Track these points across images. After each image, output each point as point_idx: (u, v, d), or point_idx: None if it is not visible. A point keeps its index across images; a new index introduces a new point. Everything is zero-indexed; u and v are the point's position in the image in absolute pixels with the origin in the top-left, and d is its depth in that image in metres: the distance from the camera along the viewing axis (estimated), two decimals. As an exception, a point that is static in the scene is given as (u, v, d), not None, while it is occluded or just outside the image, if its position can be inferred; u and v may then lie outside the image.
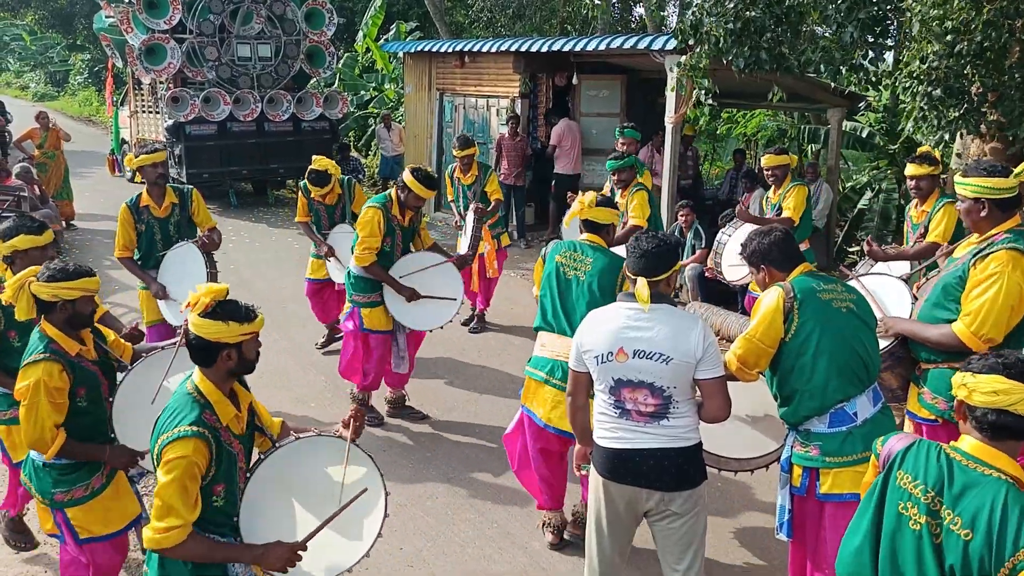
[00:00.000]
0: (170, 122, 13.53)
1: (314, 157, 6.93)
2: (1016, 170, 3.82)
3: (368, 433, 5.90)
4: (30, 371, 3.25)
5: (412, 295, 5.63)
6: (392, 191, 5.72)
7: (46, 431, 3.28)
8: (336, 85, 18.16)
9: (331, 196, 6.99)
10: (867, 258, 5.68)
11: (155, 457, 2.70)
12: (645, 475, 3.14)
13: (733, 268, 6.35)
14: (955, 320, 3.75)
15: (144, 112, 15.38)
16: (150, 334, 5.57)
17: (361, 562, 3.05)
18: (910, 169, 5.63)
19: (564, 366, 3.82)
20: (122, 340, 3.74)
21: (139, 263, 5.64)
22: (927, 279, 4.13)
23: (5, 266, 3.95)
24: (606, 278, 4.03)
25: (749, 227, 6.11)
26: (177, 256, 5.60)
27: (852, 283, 4.41)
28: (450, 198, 8.28)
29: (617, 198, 6.56)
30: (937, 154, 5.84)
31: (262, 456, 2.98)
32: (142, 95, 15.29)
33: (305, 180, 6.97)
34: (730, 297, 8.12)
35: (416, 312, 5.72)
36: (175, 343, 3.46)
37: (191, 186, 5.99)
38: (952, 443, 2.34)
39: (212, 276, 5.54)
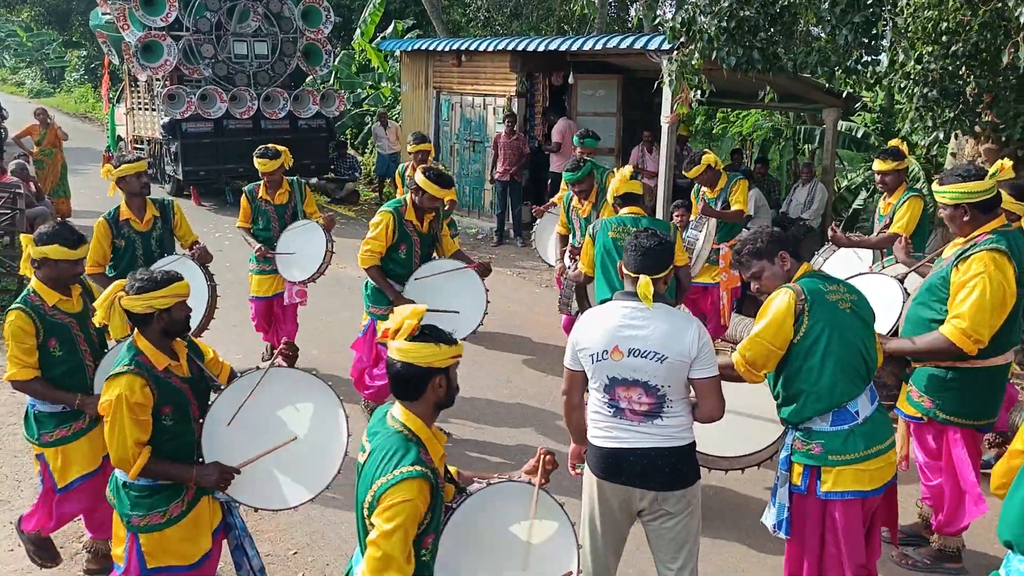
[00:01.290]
0: (166, 119, 13.51)
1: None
2: (991, 171, 3.86)
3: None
4: (113, 384, 3.11)
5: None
6: (407, 195, 5.46)
7: (128, 448, 3.11)
8: (333, 83, 18.15)
9: (281, 195, 6.43)
10: (830, 243, 5.87)
11: (367, 507, 2.46)
12: (639, 474, 3.15)
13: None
14: (940, 320, 3.78)
15: (140, 109, 15.35)
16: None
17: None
18: (876, 165, 5.78)
19: None
20: (220, 359, 3.57)
21: (109, 280, 5.04)
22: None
23: (32, 269, 3.86)
24: None
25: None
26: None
27: (854, 281, 4.45)
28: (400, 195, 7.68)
29: (575, 206, 6.47)
30: (905, 148, 6.00)
31: (453, 505, 2.75)
32: (138, 92, 15.27)
33: (248, 186, 6.52)
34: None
35: (441, 323, 5.43)
36: (270, 365, 3.34)
37: (171, 198, 5.76)
38: None
39: (212, 290, 5.37)
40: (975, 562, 4.35)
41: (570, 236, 6.62)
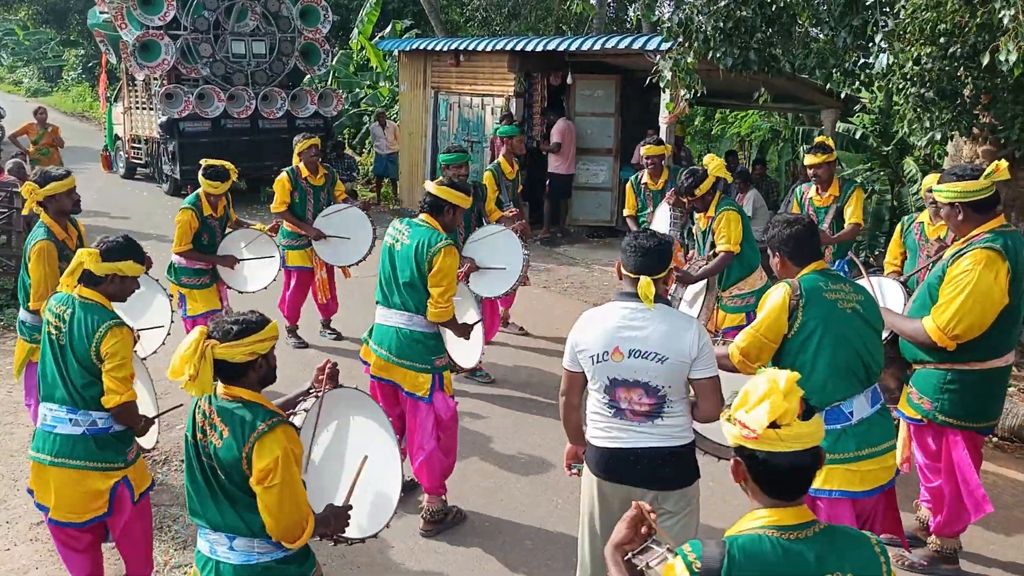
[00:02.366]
0: (164, 119, 13.49)
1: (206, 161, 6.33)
2: (987, 171, 3.87)
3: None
4: (268, 444, 2.64)
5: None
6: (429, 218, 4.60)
7: (305, 509, 2.73)
8: (330, 83, 18.13)
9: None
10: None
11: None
12: (639, 474, 3.15)
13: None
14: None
15: (138, 108, 15.33)
16: None
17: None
18: (809, 159, 6.19)
19: None
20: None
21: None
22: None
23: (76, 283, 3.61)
24: None
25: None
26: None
27: (862, 282, 4.45)
28: (281, 208, 7.18)
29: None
30: (831, 142, 6.39)
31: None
32: (136, 91, 15.24)
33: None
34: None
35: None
36: (317, 395, 3.16)
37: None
38: None
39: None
40: (972, 564, 4.35)
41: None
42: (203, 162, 6.31)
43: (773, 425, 1.90)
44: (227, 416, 2.71)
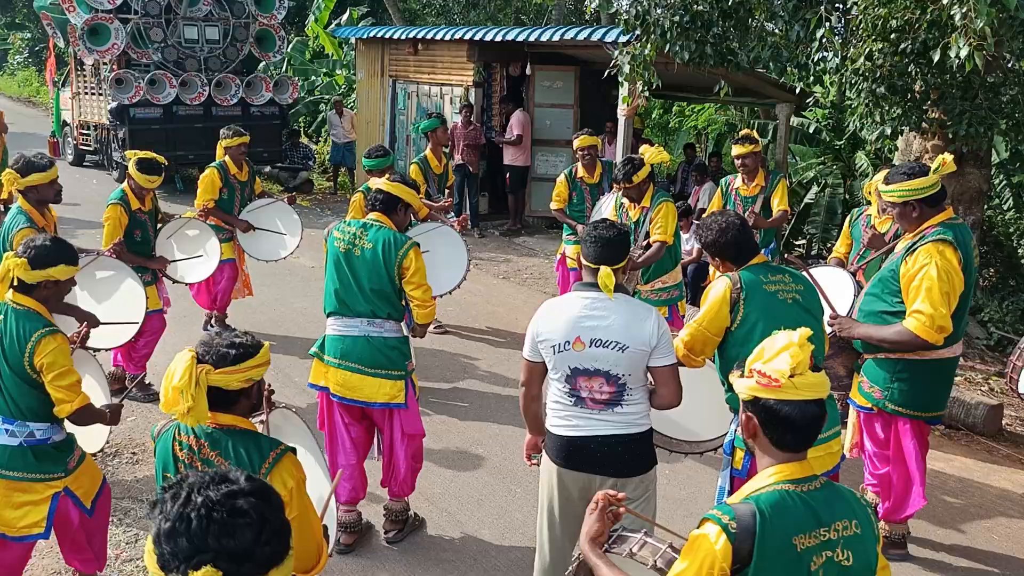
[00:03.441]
0: (114, 104, 13.18)
1: (132, 152, 6.11)
2: (933, 166, 3.96)
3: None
4: (281, 473, 2.43)
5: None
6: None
7: (319, 536, 2.51)
8: (286, 70, 17.88)
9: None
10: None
11: None
12: (599, 461, 3.17)
13: None
14: (892, 312, 3.86)
15: (87, 94, 14.95)
16: None
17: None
18: (736, 149, 6.42)
19: None
20: None
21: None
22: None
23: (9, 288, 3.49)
24: None
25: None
26: (97, 279, 5.08)
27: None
28: (206, 205, 6.86)
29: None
30: (755, 134, 6.62)
31: None
32: (84, 76, 14.86)
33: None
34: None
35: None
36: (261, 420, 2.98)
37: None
38: None
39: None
40: (919, 548, 4.46)
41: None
42: (132, 154, 5.95)
43: (792, 375, 2.01)
44: (225, 449, 2.47)
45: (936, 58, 5.41)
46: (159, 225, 6.20)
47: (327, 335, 4.29)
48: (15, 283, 3.44)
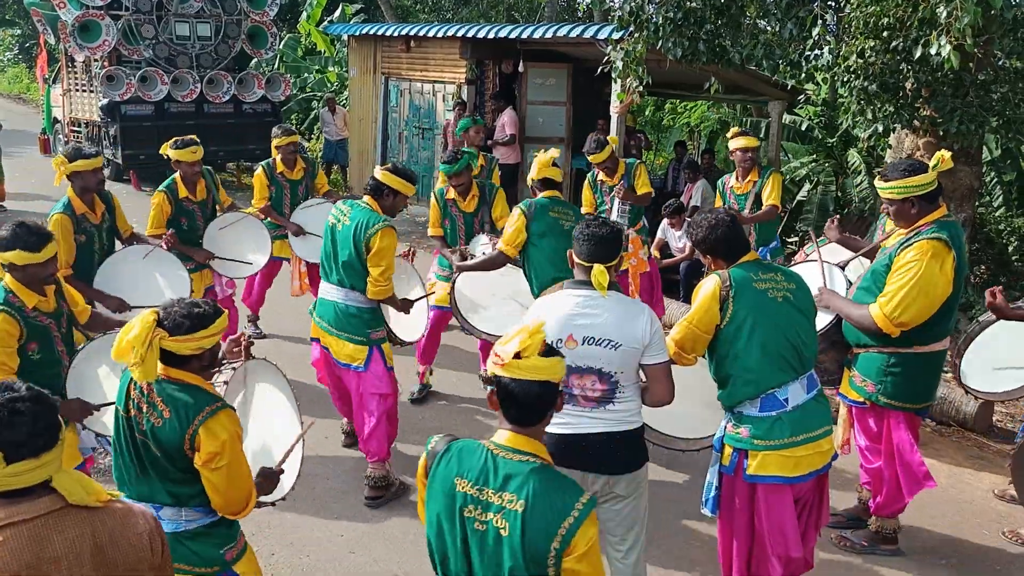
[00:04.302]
0: (105, 101, 13.14)
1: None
2: (932, 163, 3.97)
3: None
4: (221, 424, 2.69)
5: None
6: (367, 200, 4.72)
7: (251, 484, 2.82)
8: (278, 67, 17.83)
9: (201, 190, 6.13)
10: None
11: None
12: (591, 459, 3.18)
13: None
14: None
15: (77, 91, 14.89)
16: None
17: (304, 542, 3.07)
18: (743, 142, 6.46)
19: None
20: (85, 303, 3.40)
21: (80, 281, 4.81)
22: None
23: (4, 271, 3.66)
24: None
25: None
26: (137, 263, 5.23)
27: (801, 267, 4.57)
28: (260, 204, 6.90)
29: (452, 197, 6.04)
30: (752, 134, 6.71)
31: None
32: (75, 73, 14.79)
33: (165, 184, 6.16)
34: (675, 286, 8.23)
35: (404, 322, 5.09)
36: (233, 367, 3.23)
37: (108, 190, 5.46)
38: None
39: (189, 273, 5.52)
40: (910, 543, 4.48)
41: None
42: (166, 146, 6.11)
43: (518, 356, 2.23)
44: (169, 398, 2.71)
45: (918, 54, 5.43)
46: (220, 213, 6.23)
47: (318, 296, 4.82)
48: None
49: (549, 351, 2.28)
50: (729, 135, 6.77)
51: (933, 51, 5.16)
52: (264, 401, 3.34)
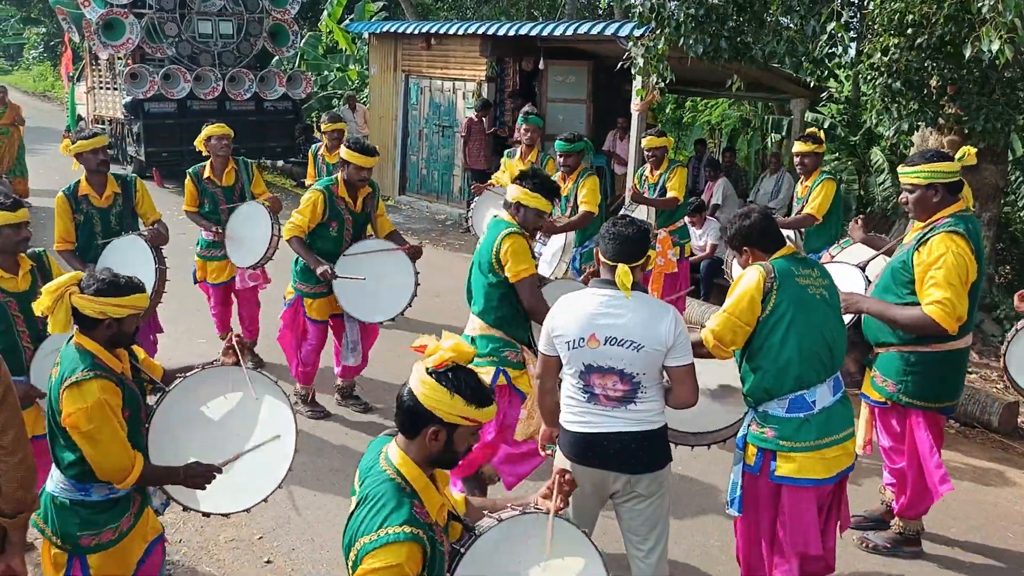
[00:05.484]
0: (128, 99, 13.26)
1: None
2: (958, 155, 3.92)
3: (307, 424, 5.88)
4: (81, 393, 2.78)
5: (325, 273, 5.23)
6: (338, 174, 5.48)
7: (127, 453, 2.86)
8: (299, 65, 17.91)
9: (228, 175, 6.28)
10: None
11: (350, 564, 2.19)
12: (612, 458, 3.17)
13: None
14: (904, 303, 3.83)
15: (101, 88, 15.03)
16: None
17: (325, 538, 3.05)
18: (797, 147, 6.38)
19: None
20: (152, 360, 3.35)
21: (77, 257, 5.12)
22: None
23: None
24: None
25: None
26: (118, 249, 5.10)
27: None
28: (310, 180, 7.61)
29: (560, 182, 6.24)
30: (821, 134, 6.53)
31: (460, 548, 2.45)
32: (99, 71, 14.95)
33: (192, 167, 6.39)
34: (696, 284, 8.18)
35: (366, 303, 5.40)
36: (210, 363, 3.22)
37: (135, 175, 5.58)
38: None
39: (161, 273, 5.09)
40: (933, 546, 4.44)
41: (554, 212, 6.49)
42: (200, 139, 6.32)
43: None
44: (63, 357, 2.88)
45: (967, 53, 5.31)
46: (237, 202, 6.23)
47: None
48: None
49: (442, 377, 2.21)
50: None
51: (984, 47, 5.05)
52: (266, 413, 3.25)
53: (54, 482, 2.97)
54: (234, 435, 3.16)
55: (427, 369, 2.22)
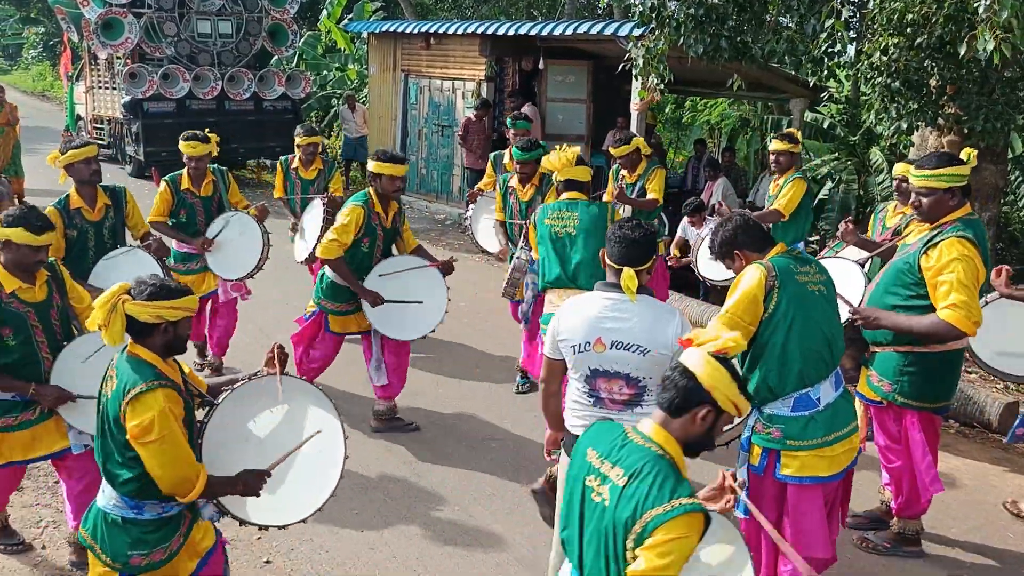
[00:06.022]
0: (127, 99, 13.25)
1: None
2: (963, 156, 3.92)
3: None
4: (145, 405, 2.74)
5: (375, 299, 5.20)
6: (369, 189, 5.29)
7: (192, 466, 2.83)
8: (298, 64, 17.91)
9: (207, 186, 6.00)
10: (717, 216, 6.31)
11: (634, 537, 2.19)
12: None
13: (709, 266, 6.05)
14: (904, 306, 3.83)
15: (100, 88, 15.03)
16: None
17: (323, 538, 3.05)
18: (773, 145, 6.43)
19: None
20: (196, 374, 3.29)
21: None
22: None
23: None
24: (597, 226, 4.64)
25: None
26: (121, 264, 4.95)
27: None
28: (280, 194, 7.17)
29: (514, 187, 6.25)
30: (799, 135, 6.61)
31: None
32: (98, 70, 14.94)
33: (170, 174, 5.99)
34: (695, 284, 8.18)
35: (397, 320, 5.31)
36: (255, 374, 3.23)
37: (123, 185, 5.34)
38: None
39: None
40: (932, 545, 4.43)
41: (505, 220, 6.39)
42: (182, 135, 5.96)
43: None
44: (120, 370, 2.83)
45: (962, 52, 5.31)
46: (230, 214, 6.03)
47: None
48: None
49: (723, 363, 2.32)
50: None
51: (979, 47, 5.04)
52: (312, 422, 3.25)
53: (106, 498, 2.92)
54: (280, 443, 3.15)
55: (711, 353, 2.32)
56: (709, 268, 6.01)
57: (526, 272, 5.76)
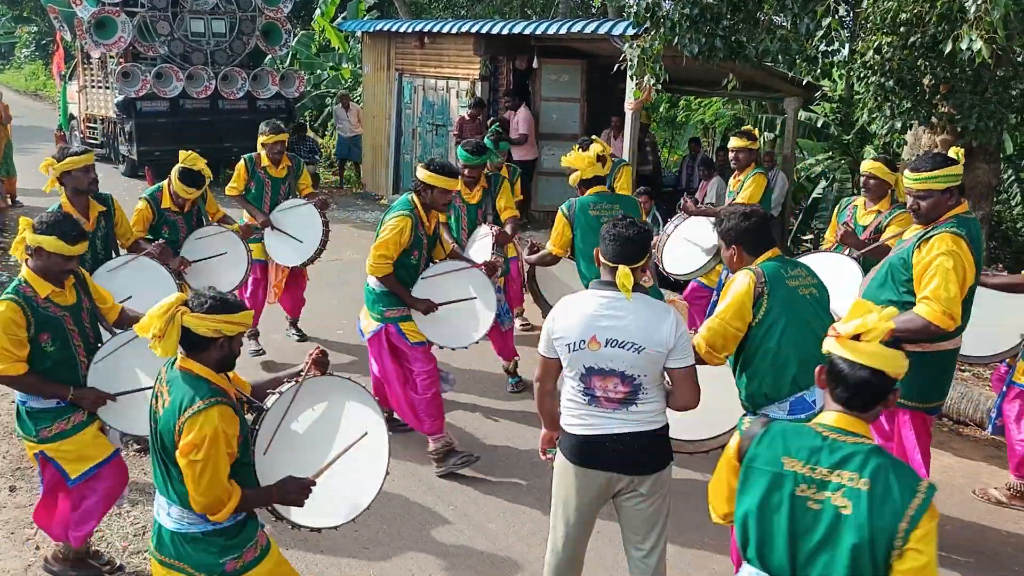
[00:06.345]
0: (120, 98, 13.20)
1: (184, 154, 5.72)
2: (951, 154, 3.94)
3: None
4: (201, 421, 2.68)
5: (428, 306, 4.94)
6: (412, 196, 4.95)
7: (224, 487, 2.76)
8: (292, 63, 17.87)
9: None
10: (681, 212, 6.34)
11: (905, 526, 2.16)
12: (615, 459, 3.16)
13: (675, 261, 6.15)
14: (898, 302, 3.84)
15: (93, 87, 14.98)
16: None
17: (319, 540, 3.04)
18: (732, 142, 6.58)
19: None
20: (239, 376, 3.18)
21: None
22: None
23: (26, 256, 3.63)
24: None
25: (694, 220, 6.15)
26: (130, 274, 4.87)
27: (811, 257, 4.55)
28: (237, 193, 6.78)
29: (464, 192, 6.23)
30: (756, 132, 6.77)
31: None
32: (91, 70, 14.89)
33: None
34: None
35: (448, 329, 5.08)
36: (298, 376, 3.14)
37: (109, 193, 5.17)
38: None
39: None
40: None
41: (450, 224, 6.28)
42: (183, 156, 5.73)
43: (857, 338, 2.24)
44: (174, 386, 2.78)
45: (947, 50, 5.35)
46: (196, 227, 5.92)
47: None
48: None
49: (895, 343, 2.27)
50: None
51: (964, 46, 5.07)
52: (352, 425, 3.20)
53: (174, 520, 2.85)
54: (327, 447, 3.12)
55: (882, 342, 2.27)
56: (674, 263, 6.18)
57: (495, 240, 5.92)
